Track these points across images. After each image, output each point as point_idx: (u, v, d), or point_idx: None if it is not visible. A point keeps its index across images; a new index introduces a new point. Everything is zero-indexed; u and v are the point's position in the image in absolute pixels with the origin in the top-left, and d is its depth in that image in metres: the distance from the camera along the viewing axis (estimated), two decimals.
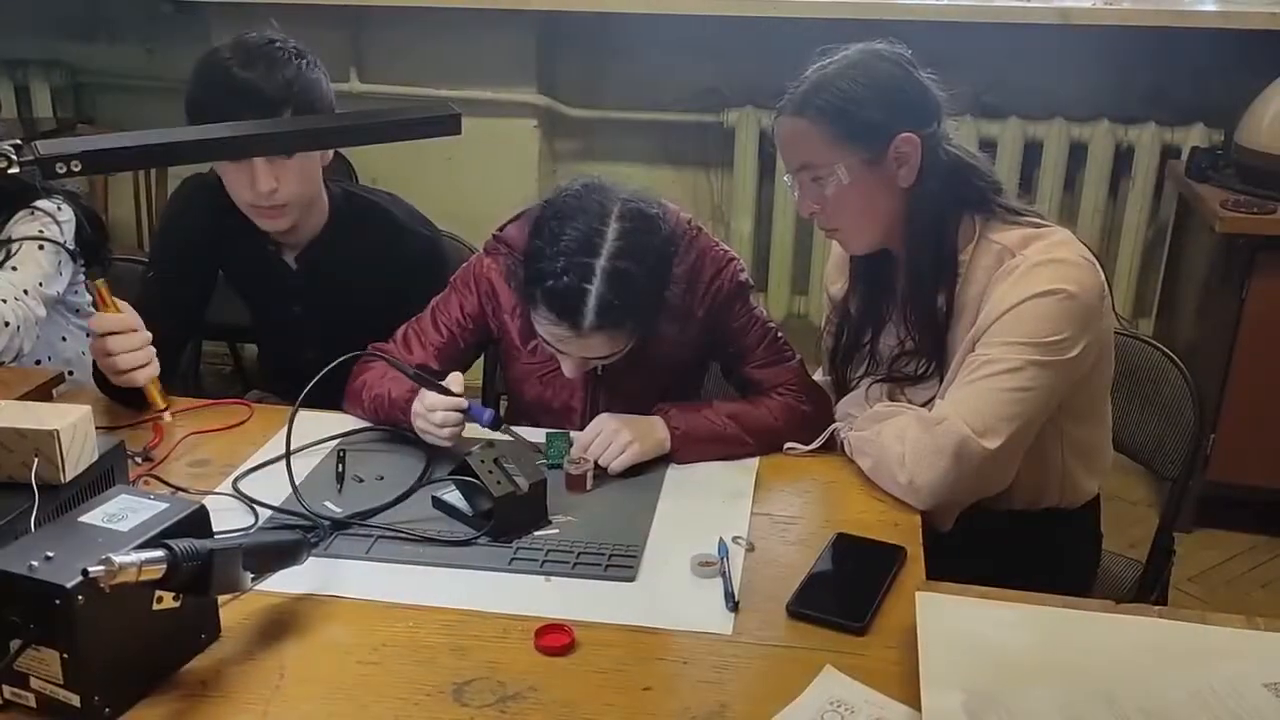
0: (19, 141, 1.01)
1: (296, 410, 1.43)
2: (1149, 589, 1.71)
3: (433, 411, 1.47)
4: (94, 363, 1.62)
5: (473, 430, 1.51)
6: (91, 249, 1.97)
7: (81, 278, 2.01)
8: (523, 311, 1.59)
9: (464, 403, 1.43)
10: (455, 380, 1.46)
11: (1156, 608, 1.21)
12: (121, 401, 1.64)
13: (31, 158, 1.00)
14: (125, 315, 1.57)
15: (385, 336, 1.68)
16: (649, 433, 1.52)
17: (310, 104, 1.64)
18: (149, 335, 1.58)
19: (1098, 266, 1.44)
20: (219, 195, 1.74)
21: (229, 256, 1.84)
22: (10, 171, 1.00)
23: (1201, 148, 2.90)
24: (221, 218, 1.76)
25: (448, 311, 1.66)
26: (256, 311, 1.95)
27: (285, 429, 1.43)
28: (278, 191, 1.65)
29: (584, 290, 1.40)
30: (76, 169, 1.00)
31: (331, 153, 1.80)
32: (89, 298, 2.05)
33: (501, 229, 1.65)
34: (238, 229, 1.76)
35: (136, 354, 1.56)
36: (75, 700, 1.00)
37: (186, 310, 1.85)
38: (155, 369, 1.59)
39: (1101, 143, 3.04)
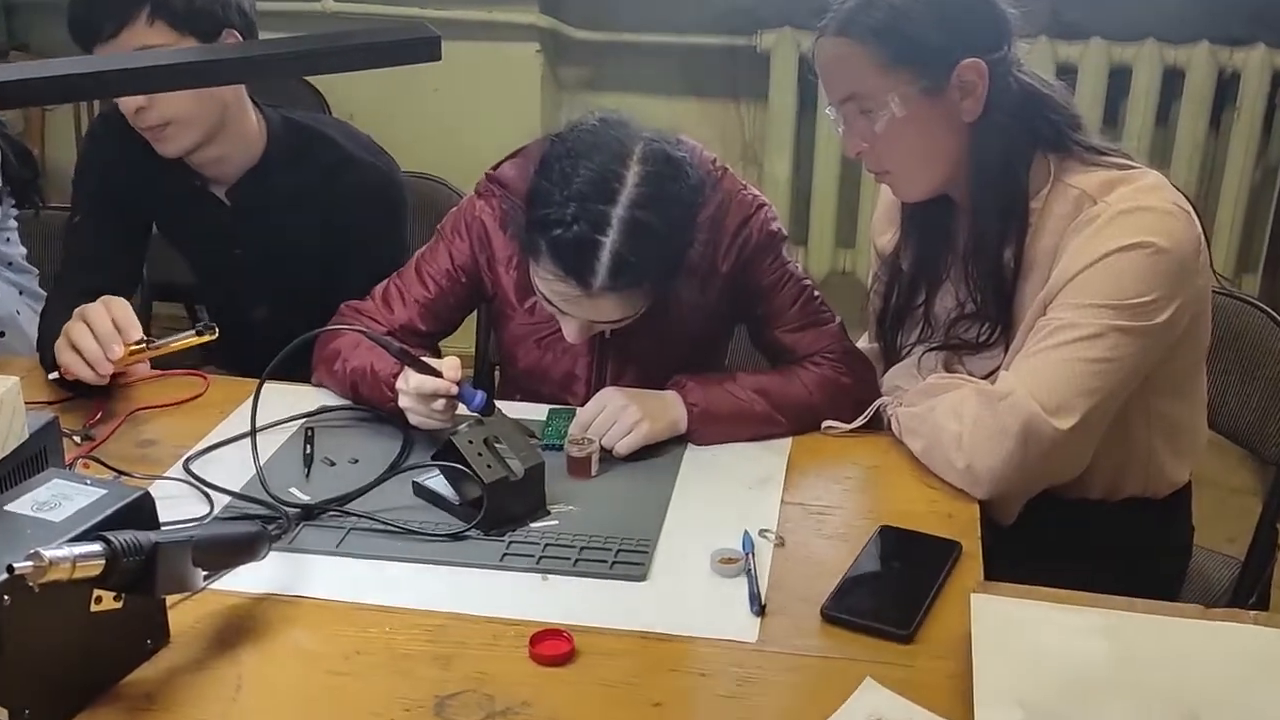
0: None
1: (263, 382, 1.43)
2: (1247, 591, 1.71)
3: (421, 390, 1.46)
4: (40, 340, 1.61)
5: (461, 410, 1.51)
6: (21, 186, 1.98)
7: (12, 223, 2.01)
8: (520, 263, 1.59)
9: (453, 388, 1.43)
10: (451, 365, 1.45)
11: (1253, 613, 1.20)
12: (69, 385, 1.61)
13: None
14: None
15: (338, 285, 1.68)
16: (662, 410, 1.52)
17: (188, 6, 1.65)
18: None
19: (1193, 215, 1.43)
20: (134, 129, 1.74)
21: (154, 195, 1.85)
22: None
23: None
24: (138, 152, 1.77)
25: (434, 262, 1.66)
26: (194, 260, 1.97)
27: (244, 405, 1.43)
28: (149, 111, 1.68)
29: (597, 243, 1.39)
30: None
31: None
32: (23, 249, 2.06)
33: (496, 168, 1.64)
34: (158, 164, 1.78)
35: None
36: (2, 715, 1.01)
37: (122, 257, 1.87)
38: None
39: (1201, 68, 3.00)
